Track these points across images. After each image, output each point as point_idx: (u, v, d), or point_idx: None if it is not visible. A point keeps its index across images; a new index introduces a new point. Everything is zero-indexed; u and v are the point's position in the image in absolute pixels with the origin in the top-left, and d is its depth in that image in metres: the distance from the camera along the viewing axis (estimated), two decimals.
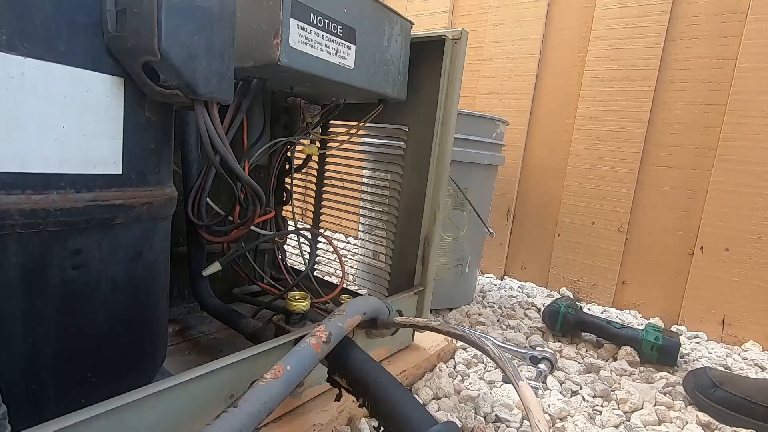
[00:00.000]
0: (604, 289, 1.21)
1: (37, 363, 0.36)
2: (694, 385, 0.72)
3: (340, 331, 0.46)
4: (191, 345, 0.66)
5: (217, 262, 0.63)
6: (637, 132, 1.13)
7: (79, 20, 0.34)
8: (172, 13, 0.35)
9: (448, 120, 0.68)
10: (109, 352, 0.41)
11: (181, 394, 0.39)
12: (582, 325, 0.93)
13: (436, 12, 1.49)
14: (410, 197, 0.73)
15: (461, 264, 1.05)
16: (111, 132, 0.38)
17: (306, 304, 0.59)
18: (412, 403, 0.41)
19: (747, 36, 0.99)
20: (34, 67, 0.32)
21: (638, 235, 1.16)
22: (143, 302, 0.44)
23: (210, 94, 0.40)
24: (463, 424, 0.61)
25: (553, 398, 0.68)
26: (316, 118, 0.74)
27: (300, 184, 0.95)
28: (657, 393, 0.73)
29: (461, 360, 0.78)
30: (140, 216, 0.41)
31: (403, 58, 0.65)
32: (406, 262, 0.74)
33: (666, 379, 0.78)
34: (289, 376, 0.38)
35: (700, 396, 0.71)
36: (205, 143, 0.45)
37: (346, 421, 0.57)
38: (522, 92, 1.32)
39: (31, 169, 0.33)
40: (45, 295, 0.35)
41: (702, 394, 0.71)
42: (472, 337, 0.47)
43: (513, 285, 1.31)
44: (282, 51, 0.47)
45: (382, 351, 0.68)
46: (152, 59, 0.36)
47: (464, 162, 0.97)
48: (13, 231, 0.33)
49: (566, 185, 1.25)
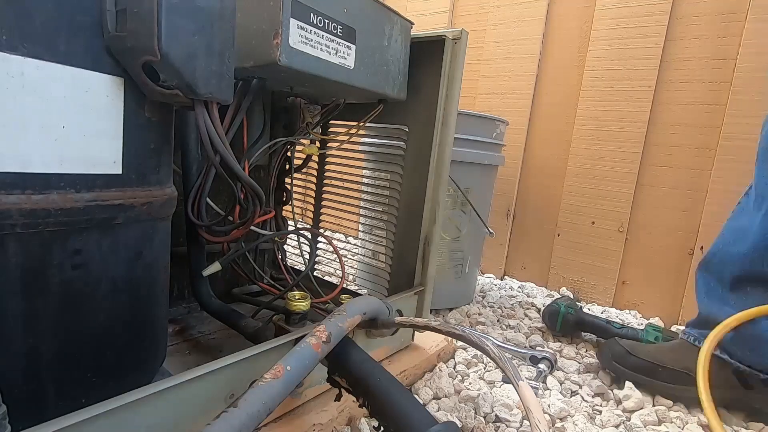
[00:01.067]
0: (604, 289, 1.21)
1: (37, 363, 0.36)
2: (611, 355, 0.77)
3: (340, 331, 0.46)
4: (191, 345, 0.66)
5: (217, 262, 0.63)
6: (637, 132, 1.13)
7: (79, 20, 0.34)
8: (172, 13, 0.35)
9: (448, 120, 0.68)
10: (109, 352, 0.41)
11: (181, 394, 0.39)
12: (582, 325, 0.93)
13: (436, 12, 1.49)
14: (410, 197, 0.73)
15: (461, 264, 1.05)
16: (111, 132, 0.38)
17: (306, 304, 0.59)
18: (412, 403, 0.41)
19: (747, 36, 0.99)
20: (34, 67, 0.32)
21: (638, 235, 1.16)
22: (143, 302, 0.44)
23: (210, 94, 0.40)
24: (463, 424, 0.61)
25: (553, 398, 0.68)
26: (316, 118, 0.74)
27: (300, 184, 0.95)
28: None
29: (461, 360, 0.78)
30: (140, 216, 0.41)
31: (403, 58, 0.65)
32: (406, 262, 0.74)
33: None
34: (289, 376, 0.38)
35: (616, 365, 0.75)
36: (205, 143, 0.45)
37: (346, 421, 0.57)
38: (522, 92, 1.32)
39: (31, 169, 0.33)
40: (45, 295, 0.35)
41: (618, 362, 0.75)
42: (472, 337, 0.47)
43: (513, 285, 1.31)
44: (282, 51, 0.47)
45: (382, 351, 0.68)
46: (152, 59, 0.36)
47: (464, 162, 0.97)
48: (13, 231, 0.33)
49: (566, 185, 1.25)
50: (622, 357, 0.75)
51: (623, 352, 0.75)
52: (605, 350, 0.78)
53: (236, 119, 0.57)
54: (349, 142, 0.80)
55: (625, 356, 0.75)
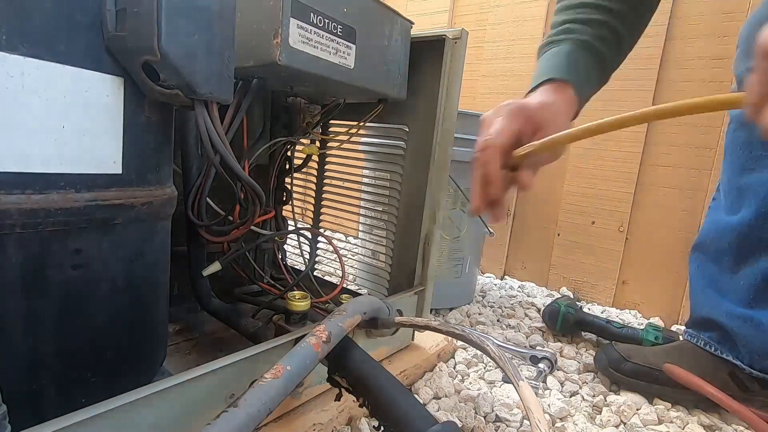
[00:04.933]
0: (604, 289, 1.21)
1: (37, 363, 0.36)
2: (607, 362, 0.76)
3: (340, 331, 0.46)
4: (191, 345, 0.66)
5: (217, 261, 0.63)
6: (637, 132, 1.13)
7: (79, 20, 0.34)
8: (171, 12, 0.35)
9: (449, 119, 0.68)
10: (109, 352, 0.41)
11: (181, 394, 0.39)
12: (582, 324, 0.93)
13: (435, 12, 1.49)
14: (410, 197, 0.73)
15: (461, 264, 1.05)
16: (111, 132, 0.38)
17: (306, 304, 0.59)
18: (412, 403, 0.41)
19: None
20: (34, 67, 0.32)
21: (638, 234, 1.16)
22: (143, 302, 0.44)
23: (210, 94, 0.40)
24: (463, 424, 0.61)
25: (553, 398, 0.68)
26: (316, 118, 0.74)
27: (300, 184, 0.95)
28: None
29: (461, 360, 0.78)
30: (140, 216, 0.41)
31: (403, 58, 0.65)
32: (406, 261, 0.74)
33: None
34: (289, 376, 0.38)
35: (613, 371, 0.74)
36: (204, 143, 0.45)
37: (346, 421, 0.57)
38: (522, 92, 1.31)
39: (31, 169, 0.33)
40: (45, 295, 0.35)
41: (615, 369, 0.74)
42: (472, 336, 0.47)
43: (513, 285, 1.30)
44: (282, 51, 0.47)
45: (382, 351, 0.68)
46: (152, 59, 0.36)
47: (464, 162, 0.97)
48: (13, 231, 0.33)
49: (566, 185, 1.25)
50: (618, 363, 0.74)
51: (619, 358, 0.74)
52: (601, 356, 0.77)
53: (236, 119, 0.57)
54: (349, 141, 0.79)
55: (621, 362, 0.73)
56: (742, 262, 0.70)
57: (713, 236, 0.75)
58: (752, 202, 0.68)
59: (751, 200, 0.68)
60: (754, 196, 0.67)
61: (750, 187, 0.68)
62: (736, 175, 0.71)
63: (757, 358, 0.67)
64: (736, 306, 0.69)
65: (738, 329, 0.67)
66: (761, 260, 0.67)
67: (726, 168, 0.75)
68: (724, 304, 0.70)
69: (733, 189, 0.72)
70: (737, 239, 0.70)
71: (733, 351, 0.69)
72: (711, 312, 0.72)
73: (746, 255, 0.69)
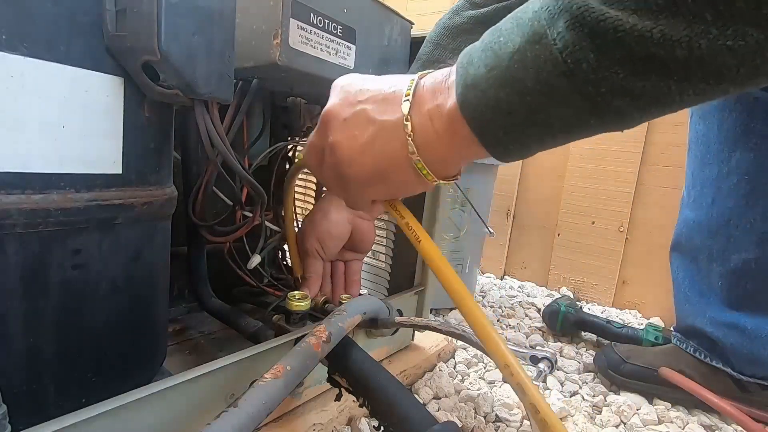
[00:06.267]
0: (604, 289, 1.21)
1: (37, 363, 0.36)
2: (606, 364, 0.75)
3: (341, 331, 0.46)
4: (191, 345, 0.66)
5: (257, 254, 0.64)
6: (637, 131, 1.13)
7: (79, 20, 0.34)
8: (172, 12, 0.35)
9: None
10: (109, 352, 0.41)
11: (181, 394, 0.39)
12: (582, 324, 0.92)
13: (436, 12, 1.49)
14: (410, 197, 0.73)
15: (461, 264, 1.05)
16: (111, 132, 0.38)
17: (306, 303, 0.59)
18: (412, 402, 0.41)
19: None
20: (34, 67, 0.32)
21: (638, 234, 1.16)
22: (143, 302, 0.44)
23: (210, 94, 0.40)
24: (463, 424, 0.61)
25: (553, 398, 0.68)
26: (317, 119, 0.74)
27: (300, 184, 0.95)
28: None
29: (461, 360, 0.78)
30: (140, 216, 0.41)
31: (403, 58, 0.65)
32: (406, 262, 0.74)
33: None
34: (289, 375, 0.38)
35: (612, 373, 0.74)
36: (205, 143, 0.45)
37: (346, 421, 0.57)
38: None
39: (31, 169, 0.33)
40: (45, 295, 0.35)
41: (614, 370, 0.74)
42: (472, 336, 0.47)
43: (513, 285, 1.30)
44: (282, 51, 0.47)
45: (382, 351, 0.68)
46: (152, 59, 0.36)
47: None
48: (13, 231, 0.33)
49: (566, 185, 1.25)
50: (617, 365, 0.74)
51: (618, 360, 0.74)
52: (600, 358, 0.77)
53: (236, 119, 0.57)
54: None
55: (620, 364, 0.73)
56: (713, 261, 0.68)
57: (686, 235, 0.73)
58: (714, 198, 0.67)
59: (713, 196, 0.67)
60: (716, 192, 0.66)
61: (710, 181, 0.67)
62: (698, 169, 0.71)
63: (746, 365, 0.66)
64: (719, 311, 0.68)
65: (724, 338, 0.66)
66: (732, 257, 0.66)
67: (689, 163, 0.73)
68: (708, 309, 0.69)
69: (696, 184, 0.71)
70: (707, 237, 0.69)
71: (722, 358, 0.68)
72: (696, 320, 0.71)
73: (716, 253, 0.68)
